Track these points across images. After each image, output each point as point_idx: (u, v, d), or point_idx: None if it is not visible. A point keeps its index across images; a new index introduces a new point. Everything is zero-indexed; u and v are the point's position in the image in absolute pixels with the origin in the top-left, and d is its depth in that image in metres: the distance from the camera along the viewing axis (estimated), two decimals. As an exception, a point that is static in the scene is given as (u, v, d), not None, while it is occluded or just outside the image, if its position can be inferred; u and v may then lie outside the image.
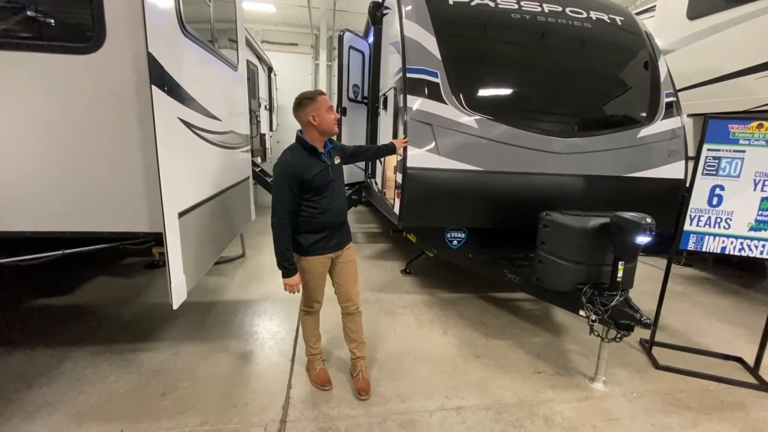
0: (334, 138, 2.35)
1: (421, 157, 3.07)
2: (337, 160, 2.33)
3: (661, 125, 3.51)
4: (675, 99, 3.66)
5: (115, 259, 4.67)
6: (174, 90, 2.01)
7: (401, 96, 3.20)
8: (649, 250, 2.97)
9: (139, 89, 1.93)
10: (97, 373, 2.57)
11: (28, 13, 1.97)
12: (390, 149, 2.94)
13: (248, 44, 6.85)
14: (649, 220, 2.37)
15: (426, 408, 2.39)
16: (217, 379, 2.57)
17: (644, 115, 3.54)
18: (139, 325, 3.21)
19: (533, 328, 3.48)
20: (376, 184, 4.87)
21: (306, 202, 2.18)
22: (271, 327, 3.28)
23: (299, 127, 2.21)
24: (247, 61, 6.51)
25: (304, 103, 2.13)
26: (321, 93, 2.17)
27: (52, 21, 2.02)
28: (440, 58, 3.19)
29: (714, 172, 2.84)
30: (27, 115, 1.95)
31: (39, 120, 1.96)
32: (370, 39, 5.24)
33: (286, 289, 2.27)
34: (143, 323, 3.25)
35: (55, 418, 2.17)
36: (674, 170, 3.48)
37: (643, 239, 2.37)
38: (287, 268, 2.20)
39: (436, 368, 2.80)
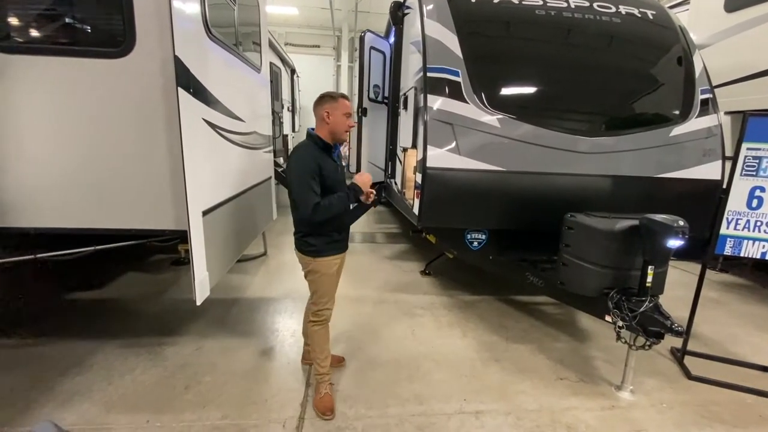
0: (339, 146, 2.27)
1: (441, 157, 3.04)
2: (344, 163, 2.29)
3: (695, 123, 3.34)
4: (711, 96, 3.48)
5: (144, 256, 4.85)
6: (199, 92, 2.07)
7: (421, 95, 3.18)
8: (682, 255, 2.83)
9: (167, 91, 2.01)
10: (126, 365, 2.67)
11: (64, 20, 2.08)
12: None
13: (271, 47, 6.98)
14: (681, 222, 2.26)
15: (444, 411, 2.36)
16: (238, 374, 2.62)
17: (677, 112, 3.38)
18: (165, 320, 3.32)
19: (556, 332, 3.38)
20: (395, 184, 4.86)
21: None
22: (291, 325, 3.32)
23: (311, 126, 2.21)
24: (271, 63, 6.65)
25: (325, 99, 2.12)
26: (345, 97, 2.15)
27: (86, 27, 2.13)
28: (462, 56, 3.15)
29: (754, 173, 2.68)
30: (61, 117, 2.07)
31: (72, 122, 2.07)
32: (391, 39, 5.24)
33: (369, 198, 2.19)
34: (169, 318, 3.35)
35: (86, 406, 2.27)
36: (710, 170, 3.31)
37: (674, 243, 2.26)
38: (351, 199, 2.12)
39: (454, 371, 2.77)
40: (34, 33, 2.13)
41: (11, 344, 2.86)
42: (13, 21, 2.08)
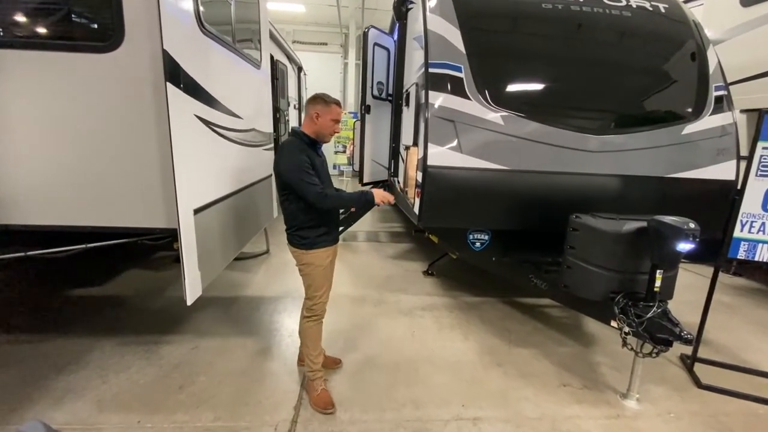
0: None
1: (442, 155, 2.96)
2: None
3: (709, 121, 3.21)
4: (725, 93, 3.34)
5: (146, 253, 4.86)
6: (190, 87, 2.02)
7: (423, 92, 3.10)
8: (694, 258, 2.72)
9: (157, 87, 1.96)
10: (121, 364, 2.65)
11: (50, 13, 2.04)
12: None
13: (278, 44, 6.92)
14: (692, 225, 2.15)
15: (441, 417, 2.29)
16: (233, 375, 2.59)
17: (690, 110, 3.25)
18: (164, 318, 3.30)
19: (560, 337, 3.29)
20: (398, 182, 4.79)
21: None
22: (290, 325, 3.28)
23: (306, 122, 2.23)
24: (277, 60, 6.60)
25: (318, 101, 2.18)
26: (338, 103, 2.23)
27: (73, 21, 2.09)
28: (465, 52, 3.06)
29: (770, 173, 2.56)
30: (48, 113, 2.03)
31: (61, 118, 2.04)
32: (395, 35, 5.16)
33: (382, 204, 2.25)
34: (167, 316, 3.34)
35: (79, 405, 2.25)
36: (724, 171, 3.17)
37: (684, 246, 2.16)
38: (364, 197, 2.20)
39: (454, 375, 2.70)
40: (19, 26, 2.09)
41: (9, 340, 2.86)
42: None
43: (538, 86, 3.34)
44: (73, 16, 2.06)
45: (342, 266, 4.76)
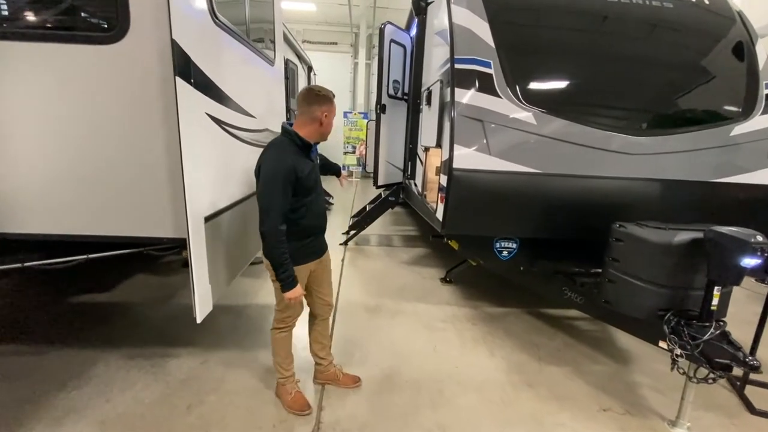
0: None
1: (469, 158, 2.75)
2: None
3: (759, 121, 2.95)
4: (777, 90, 3.08)
5: (154, 257, 4.70)
6: (202, 83, 1.84)
7: (448, 89, 2.89)
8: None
9: (165, 82, 1.77)
10: (127, 379, 2.49)
11: (46, 1, 1.87)
12: (335, 170, 2.59)
13: (289, 43, 6.78)
14: (759, 238, 1.92)
15: (472, 446, 2.08)
16: (244, 393, 2.41)
17: (739, 109, 2.99)
18: (171, 328, 3.13)
19: (593, 353, 3.05)
20: (415, 185, 4.58)
21: (294, 204, 1.92)
22: (304, 336, 3.04)
23: (304, 123, 1.97)
24: (288, 60, 6.45)
25: (322, 98, 1.94)
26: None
27: (72, 8, 1.91)
28: (494, 46, 2.85)
29: (838, 179, 2.30)
30: (45, 111, 1.86)
31: (59, 116, 1.86)
32: (413, 32, 4.96)
33: (289, 304, 2.01)
34: (176, 326, 3.17)
35: (81, 427, 2.09)
36: (776, 175, 2.92)
37: (750, 261, 1.92)
38: (289, 280, 1.92)
39: (482, 397, 2.48)
40: (12, 16, 1.92)
41: (8, 352, 2.72)
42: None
43: (573, 83, 3.09)
44: (72, 3, 1.89)
45: (355, 272, 4.58)
